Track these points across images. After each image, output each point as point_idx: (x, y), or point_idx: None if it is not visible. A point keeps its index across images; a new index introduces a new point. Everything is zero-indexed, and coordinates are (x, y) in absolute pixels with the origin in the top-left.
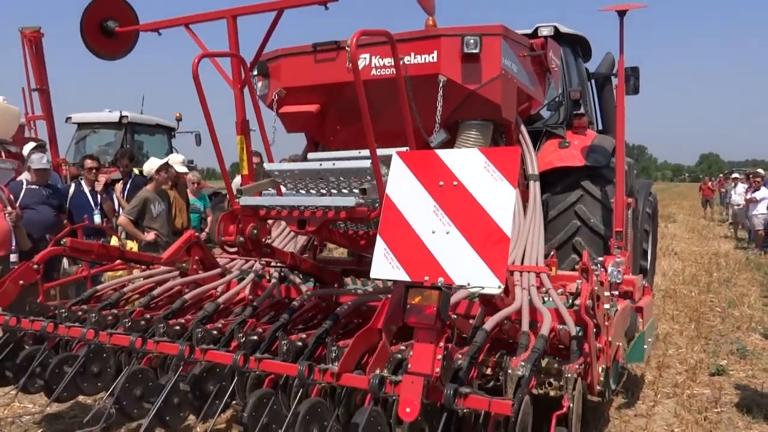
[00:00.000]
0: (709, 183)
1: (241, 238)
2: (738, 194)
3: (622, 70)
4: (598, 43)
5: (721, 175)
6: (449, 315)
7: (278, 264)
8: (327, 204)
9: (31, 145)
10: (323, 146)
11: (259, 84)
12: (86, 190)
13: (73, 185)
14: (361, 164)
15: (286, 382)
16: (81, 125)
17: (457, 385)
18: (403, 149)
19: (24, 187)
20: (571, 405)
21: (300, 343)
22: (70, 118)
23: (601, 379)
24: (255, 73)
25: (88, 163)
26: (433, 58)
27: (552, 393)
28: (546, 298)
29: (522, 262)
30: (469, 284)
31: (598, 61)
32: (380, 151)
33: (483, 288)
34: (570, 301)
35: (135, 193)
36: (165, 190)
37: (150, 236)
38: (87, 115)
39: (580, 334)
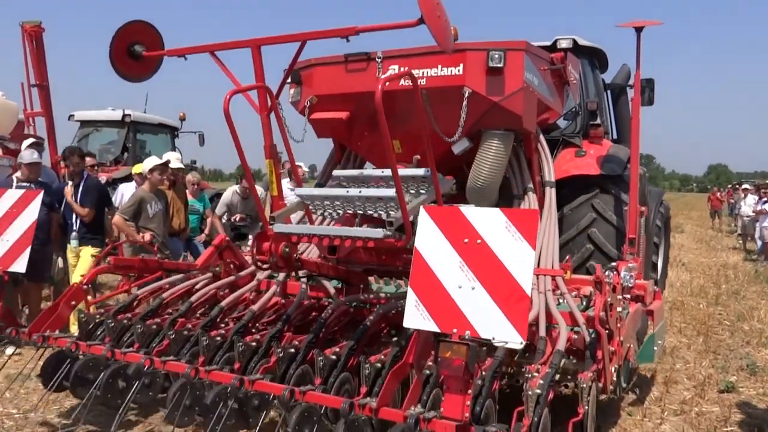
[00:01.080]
0: (718, 194)
1: (274, 258)
2: (748, 205)
3: (638, 84)
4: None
5: (729, 186)
6: None
7: (306, 274)
8: (356, 235)
9: (29, 141)
10: (351, 151)
11: (292, 91)
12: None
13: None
14: (386, 192)
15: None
16: (83, 123)
17: (483, 428)
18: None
19: (14, 185)
20: (587, 410)
21: (334, 357)
22: (72, 115)
23: (614, 379)
24: (279, 100)
25: (87, 161)
26: (459, 70)
27: (567, 392)
28: (561, 301)
29: (538, 265)
30: (493, 339)
31: (614, 72)
32: (403, 171)
33: (507, 342)
34: (584, 303)
35: (89, 196)
36: (162, 190)
37: (146, 237)
38: (89, 113)
39: (593, 336)
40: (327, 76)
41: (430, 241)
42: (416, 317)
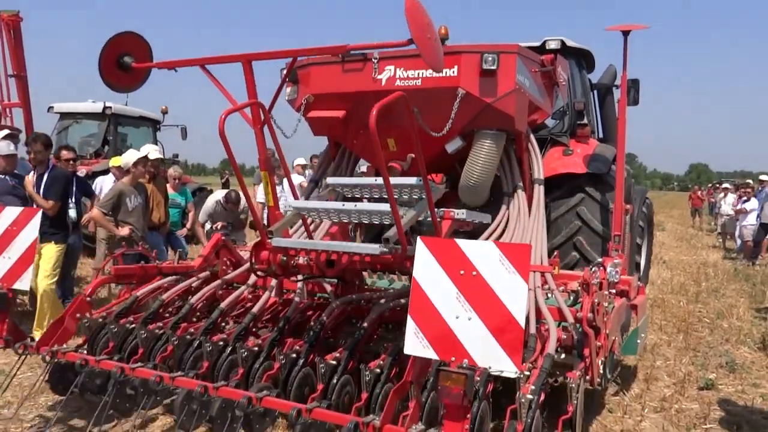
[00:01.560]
0: (699, 192)
1: (272, 267)
2: (728, 204)
3: (625, 85)
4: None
5: (710, 185)
6: None
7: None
8: (354, 251)
9: (4, 132)
10: (346, 148)
11: (288, 89)
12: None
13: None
14: (380, 207)
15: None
16: (63, 115)
17: None
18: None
19: None
20: (575, 408)
21: (334, 362)
22: (52, 107)
23: (600, 371)
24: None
25: (65, 154)
26: (453, 72)
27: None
28: (549, 296)
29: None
30: (490, 368)
31: (601, 72)
32: (397, 180)
33: (502, 372)
34: (571, 299)
35: (54, 188)
36: (142, 183)
37: (124, 231)
38: (69, 105)
39: (581, 335)
40: (324, 75)
41: (428, 272)
42: (416, 345)
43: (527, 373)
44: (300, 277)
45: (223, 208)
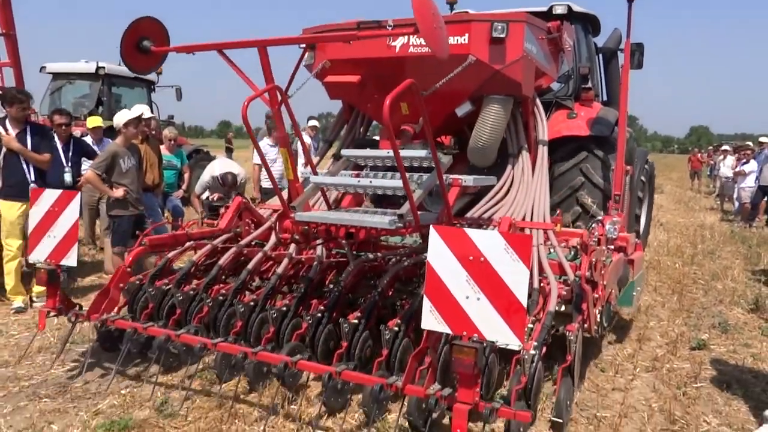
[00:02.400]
0: (699, 155)
1: (295, 236)
2: (726, 166)
3: (628, 50)
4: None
5: (710, 147)
6: None
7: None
8: (371, 225)
9: None
10: (359, 111)
11: (306, 54)
12: (58, 145)
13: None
14: (394, 183)
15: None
16: (56, 75)
17: (492, 407)
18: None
19: None
20: (574, 356)
21: (356, 321)
22: (44, 67)
23: (597, 320)
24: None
25: (57, 118)
26: (464, 40)
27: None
28: (551, 251)
29: (531, 218)
30: (497, 341)
31: (607, 35)
32: (408, 152)
33: (507, 345)
34: (572, 253)
35: (45, 141)
36: (135, 144)
37: (119, 192)
38: (62, 65)
39: (579, 291)
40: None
41: (441, 258)
42: (431, 320)
43: (530, 326)
44: (319, 240)
45: (219, 183)
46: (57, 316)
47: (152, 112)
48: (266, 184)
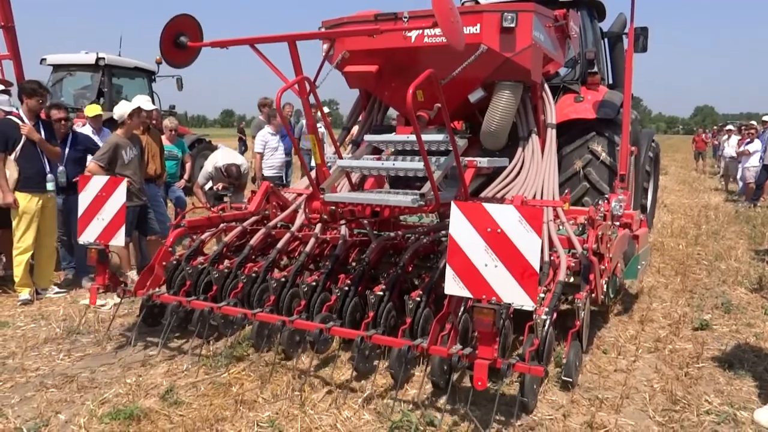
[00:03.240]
0: (703, 135)
1: (324, 216)
2: (730, 146)
3: (632, 34)
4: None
5: (715, 127)
6: None
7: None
8: (395, 203)
9: None
10: (375, 98)
11: (325, 46)
12: (56, 140)
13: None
14: (414, 165)
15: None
16: (56, 67)
17: (509, 362)
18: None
19: None
20: (582, 322)
21: (381, 293)
22: (44, 59)
23: (604, 290)
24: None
25: (56, 113)
26: (476, 29)
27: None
28: (560, 227)
29: (542, 197)
30: (513, 303)
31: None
32: (427, 137)
33: (523, 306)
34: (580, 229)
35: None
36: (137, 134)
37: None
38: (62, 56)
39: (587, 263)
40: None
41: (462, 230)
42: (454, 287)
43: (542, 295)
44: (344, 220)
45: (222, 174)
46: (105, 292)
47: (153, 102)
48: (268, 172)
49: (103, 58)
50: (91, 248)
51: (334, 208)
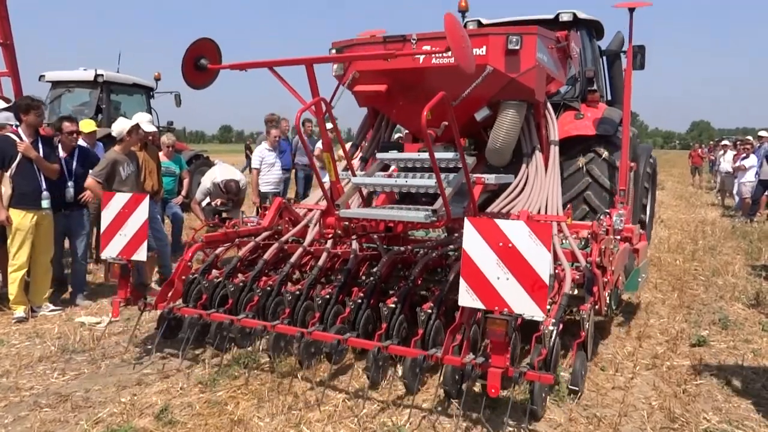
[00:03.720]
0: (699, 150)
1: (338, 231)
2: (726, 161)
3: (631, 54)
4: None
5: (711, 142)
6: None
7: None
8: (408, 219)
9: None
10: (383, 116)
11: (335, 66)
12: (61, 155)
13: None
14: (426, 182)
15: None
16: (55, 84)
17: (520, 370)
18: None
19: None
20: (587, 333)
21: (393, 305)
22: (43, 76)
23: (607, 302)
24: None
25: (67, 126)
26: (482, 51)
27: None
28: (564, 241)
29: (546, 212)
30: (523, 314)
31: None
32: (438, 155)
33: (533, 317)
34: (582, 243)
35: (55, 152)
36: (134, 151)
37: None
38: (61, 73)
39: (591, 275)
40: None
41: (474, 244)
42: (468, 299)
43: (548, 308)
44: (355, 235)
45: (220, 190)
46: (126, 305)
47: (152, 116)
48: (264, 188)
49: (102, 75)
50: (114, 263)
51: (347, 223)
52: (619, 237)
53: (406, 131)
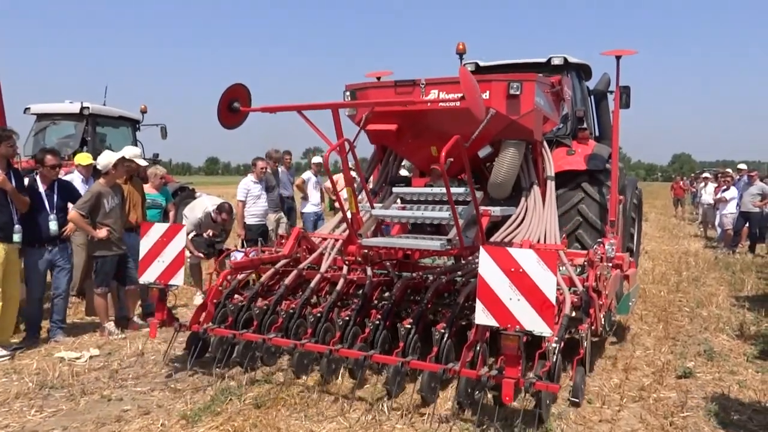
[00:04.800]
0: (681, 182)
1: (358, 259)
2: (708, 194)
3: (618, 97)
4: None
5: (692, 174)
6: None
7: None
8: (425, 247)
9: None
10: (390, 152)
11: (347, 109)
12: (41, 189)
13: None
14: (441, 214)
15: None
16: (40, 116)
17: (531, 379)
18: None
19: None
20: (585, 350)
21: (408, 326)
22: (28, 108)
23: (602, 323)
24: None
25: (49, 159)
26: (486, 96)
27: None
28: (561, 268)
29: (545, 241)
30: (533, 331)
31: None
32: (452, 190)
33: (542, 333)
34: (578, 270)
35: (22, 184)
36: (118, 183)
37: (102, 233)
38: (46, 105)
39: (587, 299)
40: (380, 96)
41: (489, 270)
42: (483, 317)
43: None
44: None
45: (212, 220)
46: (161, 326)
47: (141, 152)
48: (250, 220)
49: (88, 108)
50: (153, 287)
51: (367, 251)
52: (611, 264)
53: (413, 166)
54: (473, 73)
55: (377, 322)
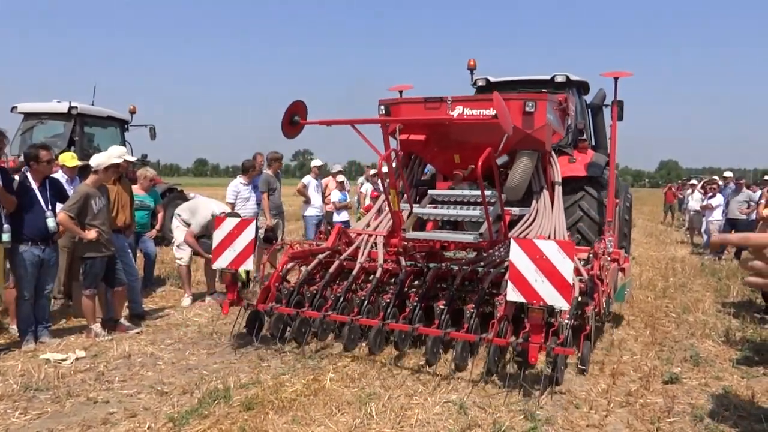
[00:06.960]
0: (674, 189)
1: (400, 250)
2: (694, 200)
3: (615, 113)
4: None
5: (680, 181)
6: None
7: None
8: (460, 239)
9: None
10: (416, 158)
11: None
12: (34, 186)
13: (15, 179)
14: (473, 212)
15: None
16: (27, 115)
17: (551, 344)
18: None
19: None
20: (591, 328)
21: (442, 307)
22: (15, 107)
23: (604, 307)
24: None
25: (44, 154)
26: None
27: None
28: None
29: (555, 237)
30: (554, 305)
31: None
32: (460, 191)
33: (561, 307)
34: (582, 261)
35: (11, 185)
36: (105, 184)
37: (92, 234)
38: (34, 105)
39: (591, 285)
40: (411, 110)
41: (519, 257)
42: (514, 295)
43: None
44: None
45: None
46: (231, 305)
47: (127, 150)
48: None
49: (76, 107)
50: (226, 272)
51: (406, 243)
52: (609, 258)
53: (438, 172)
54: (484, 88)
55: (415, 303)
